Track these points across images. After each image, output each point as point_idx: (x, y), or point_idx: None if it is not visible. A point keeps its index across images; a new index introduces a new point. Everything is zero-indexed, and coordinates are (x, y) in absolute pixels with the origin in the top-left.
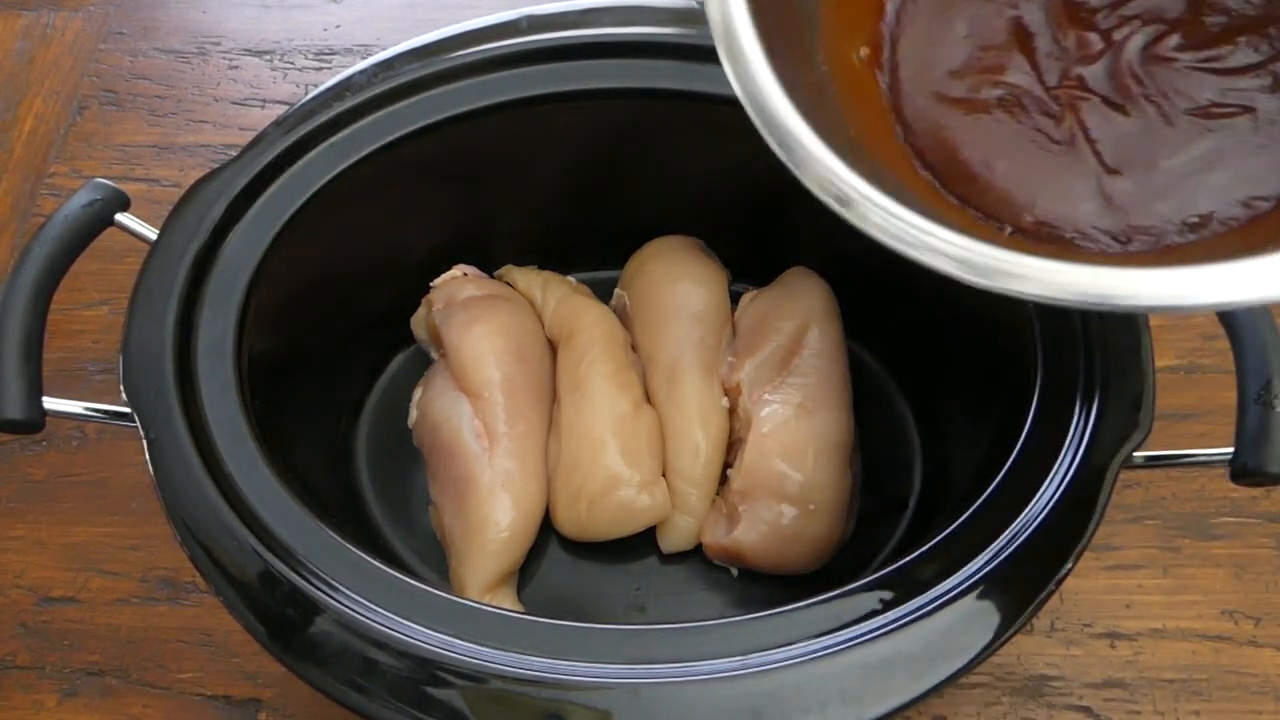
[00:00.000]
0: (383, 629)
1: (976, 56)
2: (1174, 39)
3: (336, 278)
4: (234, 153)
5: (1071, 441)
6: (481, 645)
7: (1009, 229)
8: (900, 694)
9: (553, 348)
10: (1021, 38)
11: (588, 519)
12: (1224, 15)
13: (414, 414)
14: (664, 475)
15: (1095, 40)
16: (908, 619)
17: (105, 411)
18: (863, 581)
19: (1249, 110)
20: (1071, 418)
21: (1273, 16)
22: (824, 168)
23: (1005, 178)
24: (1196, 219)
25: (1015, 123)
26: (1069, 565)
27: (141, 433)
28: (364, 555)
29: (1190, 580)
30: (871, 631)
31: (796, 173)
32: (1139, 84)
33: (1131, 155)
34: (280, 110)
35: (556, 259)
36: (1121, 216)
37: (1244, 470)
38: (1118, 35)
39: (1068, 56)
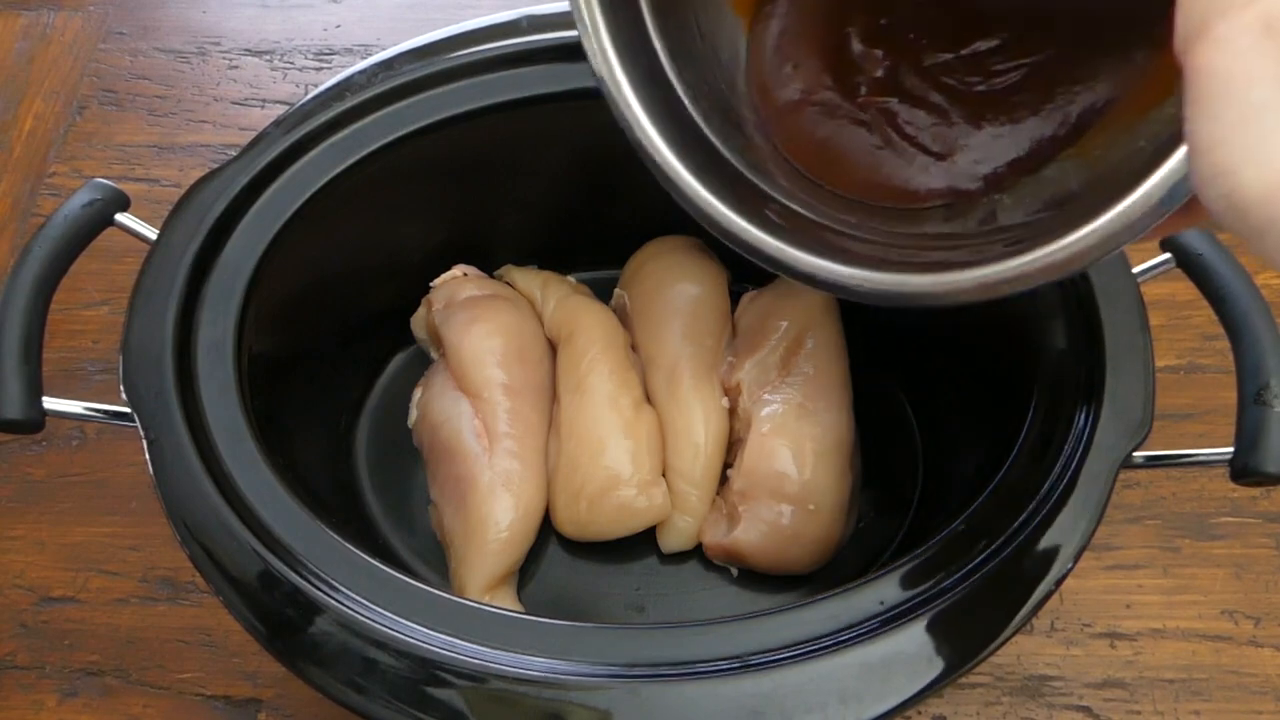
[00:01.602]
0: (383, 629)
1: (796, 73)
2: (935, 47)
3: (336, 278)
4: (234, 153)
5: (1071, 441)
6: (481, 645)
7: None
8: (900, 694)
9: (553, 348)
10: (829, 57)
11: (587, 519)
12: (977, 31)
13: (414, 414)
14: (664, 475)
15: (880, 55)
16: (907, 619)
17: (105, 411)
18: (863, 581)
19: (1018, 71)
20: (1071, 417)
21: (1018, 13)
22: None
23: (858, 175)
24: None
25: (838, 128)
26: (1069, 565)
27: (141, 433)
28: (364, 555)
29: (1190, 580)
30: (871, 631)
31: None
32: (924, 81)
33: (948, 138)
34: (280, 110)
35: (556, 259)
36: (975, 180)
37: (1243, 470)
38: (899, 52)
39: (862, 71)
